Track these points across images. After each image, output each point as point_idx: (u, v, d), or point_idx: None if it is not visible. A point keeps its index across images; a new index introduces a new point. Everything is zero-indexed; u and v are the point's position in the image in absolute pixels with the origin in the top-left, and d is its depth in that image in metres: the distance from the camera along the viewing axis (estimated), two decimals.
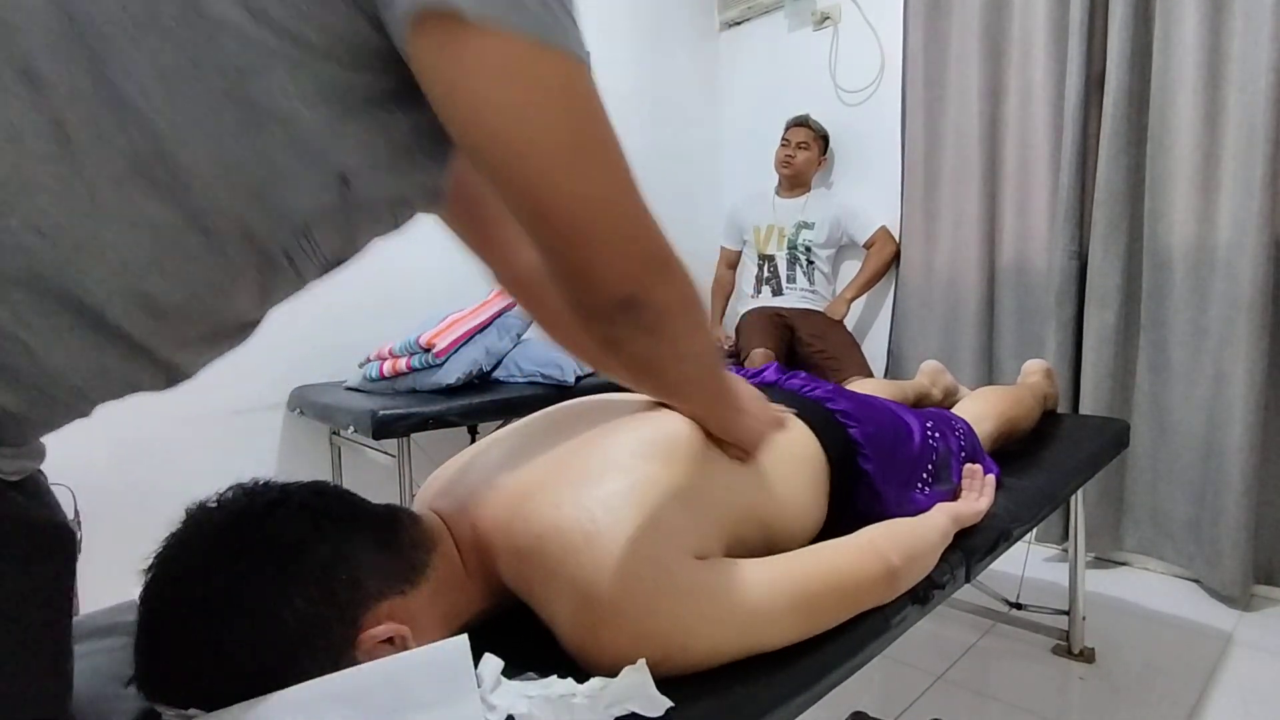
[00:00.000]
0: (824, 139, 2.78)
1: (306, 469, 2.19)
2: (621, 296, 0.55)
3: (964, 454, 1.17)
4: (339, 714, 0.55)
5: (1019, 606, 1.83)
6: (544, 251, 0.54)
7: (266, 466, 2.12)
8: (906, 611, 0.84)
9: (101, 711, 0.63)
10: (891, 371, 2.64)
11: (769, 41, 3.06)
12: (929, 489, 1.06)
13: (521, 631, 0.72)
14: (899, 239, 2.62)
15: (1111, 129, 2.01)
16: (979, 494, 1.09)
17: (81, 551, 1.13)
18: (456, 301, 2.16)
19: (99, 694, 0.62)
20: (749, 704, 0.65)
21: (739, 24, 3.16)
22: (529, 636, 0.71)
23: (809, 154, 2.74)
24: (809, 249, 2.73)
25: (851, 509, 0.99)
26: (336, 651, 0.58)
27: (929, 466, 1.07)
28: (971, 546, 1.00)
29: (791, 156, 2.73)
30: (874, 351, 2.68)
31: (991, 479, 1.13)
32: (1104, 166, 2.03)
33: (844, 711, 1.41)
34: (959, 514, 1.00)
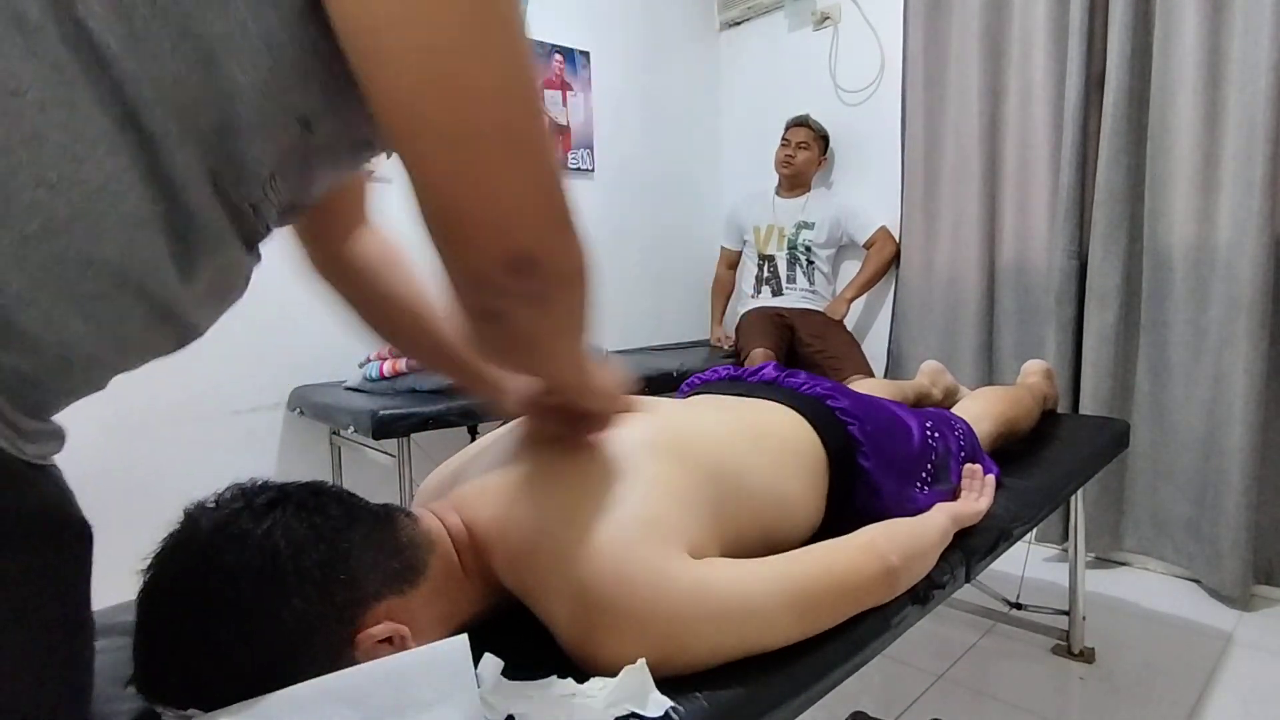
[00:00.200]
0: (824, 139, 2.78)
1: (306, 469, 2.19)
2: (515, 252, 0.48)
3: (963, 454, 1.17)
4: (338, 714, 0.55)
5: (1019, 606, 1.83)
6: (429, 193, 0.47)
7: (266, 466, 2.12)
8: (906, 611, 0.84)
9: (101, 711, 0.63)
10: (891, 371, 2.64)
11: (769, 41, 3.06)
12: (928, 488, 1.06)
13: (521, 631, 0.72)
14: (899, 239, 2.62)
15: (1111, 129, 2.01)
16: (979, 494, 1.09)
17: None
18: None
19: (98, 694, 0.62)
20: (749, 704, 0.65)
21: (739, 24, 3.16)
22: (529, 636, 0.71)
23: (809, 154, 2.74)
24: (809, 249, 2.73)
25: (850, 507, 0.99)
26: (335, 651, 0.58)
27: (928, 466, 1.07)
28: (971, 546, 1.00)
29: (792, 156, 2.73)
30: (874, 351, 2.68)
31: (991, 479, 1.13)
32: (1104, 166, 2.03)
33: (844, 711, 1.41)
34: (959, 514, 1.00)
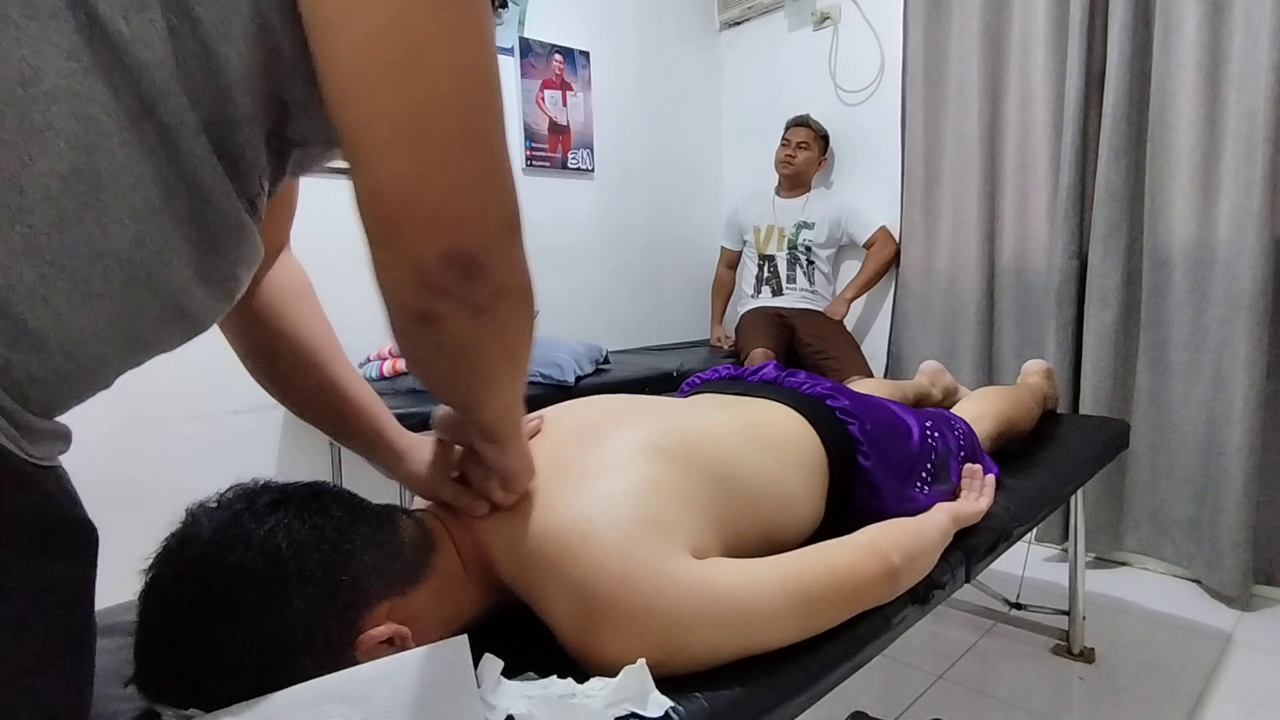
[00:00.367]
0: (824, 139, 2.78)
1: (306, 469, 2.19)
2: (458, 250, 0.46)
3: (963, 454, 1.17)
4: (339, 714, 0.55)
5: (1019, 606, 1.83)
6: (373, 179, 0.44)
7: (266, 466, 2.12)
8: (906, 611, 0.84)
9: (101, 712, 0.63)
10: (891, 371, 2.64)
11: (769, 41, 3.06)
12: (928, 488, 1.06)
13: (521, 631, 0.72)
14: (899, 239, 2.62)
15: (1111, 129, 2.01)
16: (979, 494, 1.09)
17: None
18: None
19: (99, 694, 0.62)
20: (749, 704, 0.65)
21: (739, 24, 3.16)
22: (529, 636, 0.71)
23: (809, 154, 2.74)
24: (809, 249, 2.73)
25: (850, 506, 0.99)
26: (336, 652, 0.58)
27: (928, 465, 1.07)
28: (971, 546, 1.00)
29: (792, 156, 2.73)
30: (874, 351, 2.68)
31: (991, 479, 1.13)
32: (1104, 166, 2.03)
33: (844, 711, 1.41)
34: (959, 514, 1.00)
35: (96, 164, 0.40)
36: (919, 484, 1.05)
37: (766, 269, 2.79)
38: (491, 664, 0.64)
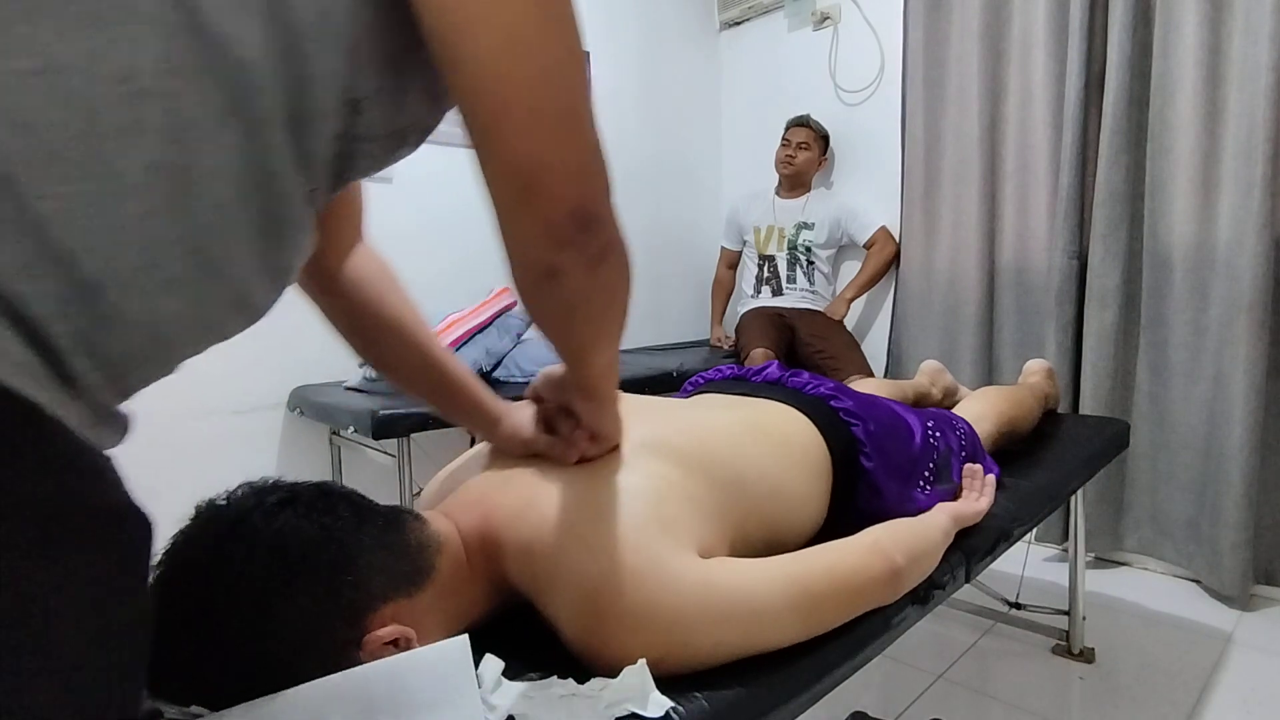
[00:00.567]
0: (824, 139, 2.78)
1: (307, 469, 2.19)
2: (583, 205, 0.53)
3: (964, 454, 1.17)
4: (341, 714, 0.55)
5: (1019, 606, 1.83)
6: (509, 154, 0.50)
7: (266, 466, 2.12)
8: (907, 611, 0.84)
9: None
10: (891, 371, 2.64)
11: (769, 41, 3.06)
12: (930, 488, 1.06)
13: (522, 632, 0.72)
14: (899, 239, 2.62)
15: (1111, 129, 2.01)
16: (979, 494, 1.09)
17: None
18: (456, 302, 2.16)
19: None
20: (749, 704, 0.65)
21: (739, 24, 3.16)
22: (530, 637, 0.71)
23: (809, 154, 2.74)
24: (809, 249, 2.73)
25: (852, 507, 0.99)
26: (340, 652, 0.58)
27: (930, 466, 1.08)
28: (972, 546, 1.00)
29: (792, 157, 2.73)
30: (874, 351, 2.68)
31: (992, 479, 1.13)
32: (1104, 167, 2.03)
33: (844, 711, 1.41)
34: (960, 514, 1.00)
35: (185, 157, 0.42)
36: (921, 484, 1.05)
37: (766, 269, 2.79)
38: (492, 664, 0.64)
